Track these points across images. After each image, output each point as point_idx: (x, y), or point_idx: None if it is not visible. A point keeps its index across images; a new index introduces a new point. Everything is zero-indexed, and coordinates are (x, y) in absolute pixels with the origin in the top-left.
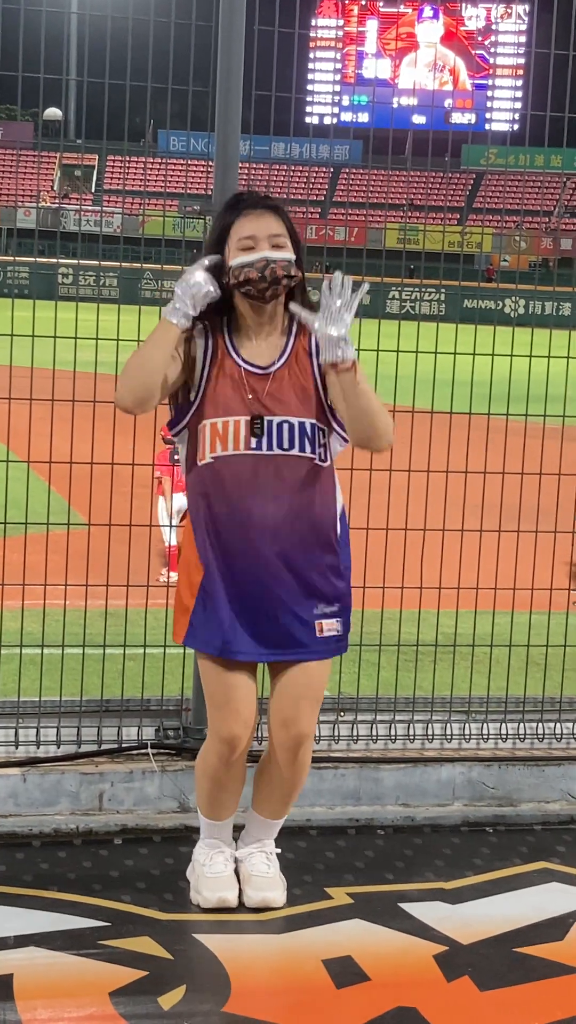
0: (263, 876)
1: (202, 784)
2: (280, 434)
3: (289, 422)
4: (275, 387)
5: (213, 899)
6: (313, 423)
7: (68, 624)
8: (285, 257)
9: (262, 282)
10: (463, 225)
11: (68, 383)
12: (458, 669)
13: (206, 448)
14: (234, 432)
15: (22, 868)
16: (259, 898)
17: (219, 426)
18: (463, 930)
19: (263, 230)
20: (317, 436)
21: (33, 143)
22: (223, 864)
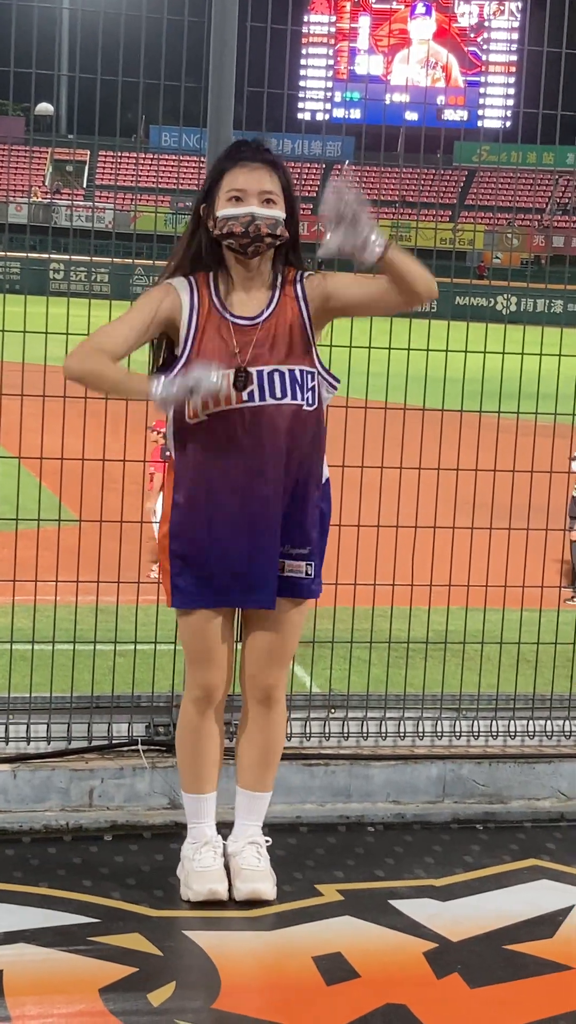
0: (253, 869)
1: (182, 750)
2: (272, 384)
3: (280, 371)
4: (263, 337)
5: (203, 891)
6: (303, 369)
7: (58, 620)
8: (272, 215)
9: (244, 237)
10: (455, 222)
11: (59, 379)
12: (449, 666)
13: (197, 406)
14: (225, 387)
15: (12, 864)
16: (248, 889)
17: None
18: (453, 927)
19: (254, 184)
20: (306, 381)
21: (25, 138)
22: (212, 858)
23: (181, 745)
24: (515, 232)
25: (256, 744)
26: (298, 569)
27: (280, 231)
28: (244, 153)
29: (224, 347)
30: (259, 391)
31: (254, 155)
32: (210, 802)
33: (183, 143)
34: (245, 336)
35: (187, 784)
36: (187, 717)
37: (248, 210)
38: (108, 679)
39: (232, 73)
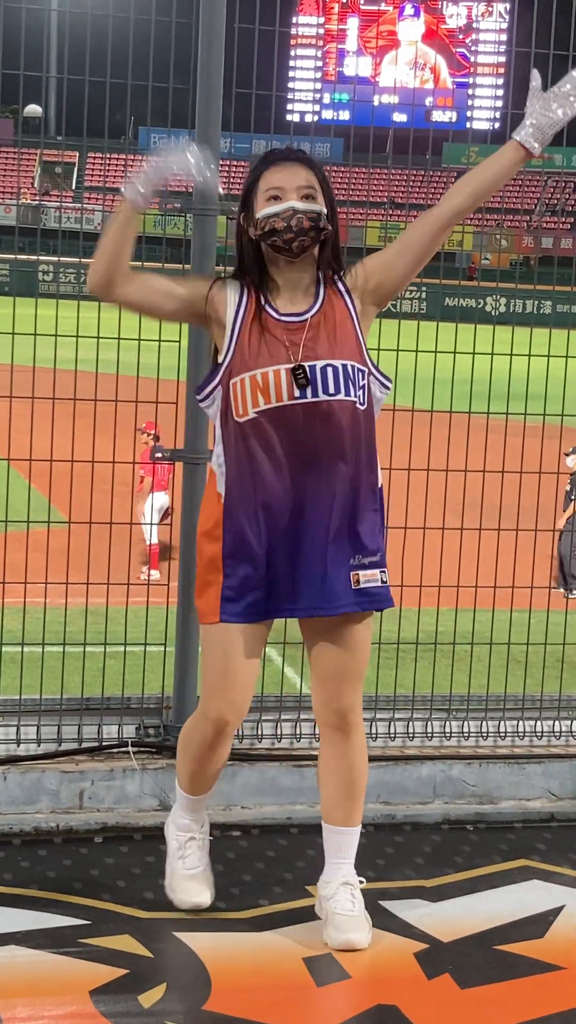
0: (347, 915)
1: (184, 760)
2: (325, 379)
3: (333, 365)
4: (312, 334)
5: (188, 903)
6: (355, 365)
7: (49, 622)
8: (314, 208)
9: (288, 232)
10: None
11: (48, 380)
12: (439, 667)
13: (247, 403)
14: (275, 383)
15: (2, 867)
16: (343, 940)
17: (259, 378)
18: (444, 928)
19: (292, 181)
20: (358, 378)
21: (13, 140)
22: (197, 857)
23: (184, 756)
24: (504, 233)
25: (339, 775)
26: (373, 578)
27: (323, 224)
28: (277, 154)
29: (275, 344)
30: (312, 386)
31: (287, 155)
32: (203, 800)
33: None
34: (295, 334)
35: (183, 784)
36: (195, 741)
37: (288, 205)
38: (98, 681)
39: (220, 74)
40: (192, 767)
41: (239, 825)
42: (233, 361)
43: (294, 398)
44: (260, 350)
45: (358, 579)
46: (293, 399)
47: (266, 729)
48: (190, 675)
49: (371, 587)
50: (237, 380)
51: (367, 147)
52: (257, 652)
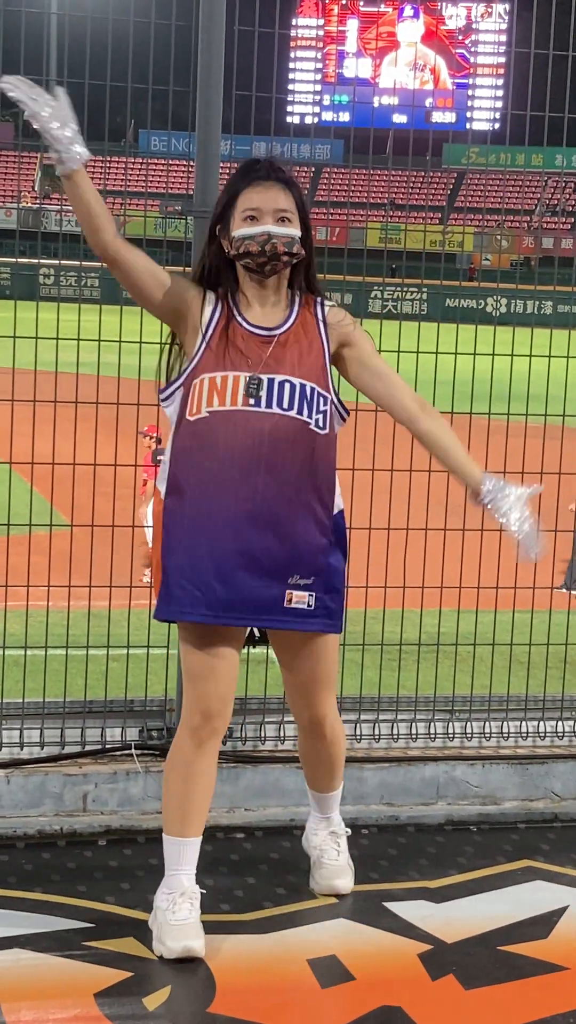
0: (332, 863)
1: (171, 787)
2: (281, 393)
3: (291, 382)
4: (278, 350)
5: (178, 948)
6: (314, 387)
7: (51, 625)
8: (288, 233)
9: (261, 256)
10: (445, 224)
11: (50, 384)
12: (442, 668)
13: (201, 402)
14: (232, 387)
15: (6, 870)
16: (327, 885)
17: (217, 380)
18: (447, 929)
19: (269, 203)
20: (317, 401)
21: (13, 143)
22: (187, 911)
23: (170, 781)
24: (504, 234)
25: (320, 761)
26: (302, 600)
27: (296, 249)
28: (257, 172)
29: (239, 352)
30: (266, 398)
31: (267, 174)
32: (193, 847)
33: (172, 147)
34: (261, 345)
35: (170, 826)
36: (181, 751)
37: (264, 229)
38: (101, 684)
39: (220, 77)
40: (179, 790)
41: (243, 827)
42: (199, 363)
43: (248, 404)
44: (225, 356)
45: (290, 598)
46: (247, 405)
47: (269, 731)
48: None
49: (300, 608)
50: (198, 380)
51: (367, 148)
52: (232, 648)
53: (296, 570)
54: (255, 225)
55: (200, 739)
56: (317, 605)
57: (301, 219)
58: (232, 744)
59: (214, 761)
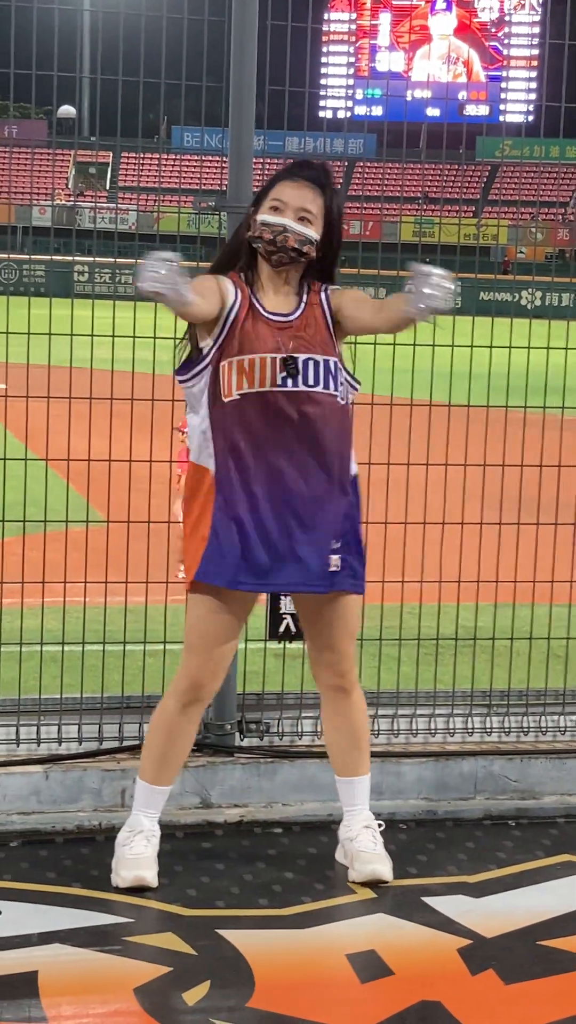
0: (371, 852)
1: (153, 738)
2: (306, 371)
3: (315, 359)
4: (297, 332)
5: (130, 878)
6: (335, 361)
7: (88, 621)
8: (303, 232)
9: (271, 244)
10: (478, 217)
11: (85, 380)
12: (478, 662)
13: (231, 385)
14: (260, 369)
15: (45, 865)
16: (368, 871)
17: (245, 363)
18: (487, 923)
19: (295, 200)
20: (338, 374)
21: (47, 141)
22: (143, 845)
23: (153, 735)
24: (539, 226)
25: (342, 731)
26: (334, 564)
27: (307, 249)
28: (301, 169)
29: (265, 334)
30: (294, 379)
31: (305, 173)
32: (162, 794)
33: (205, 143)
34: (282, 331)
35: (145, 773)
36: (167, 712)
37: (282, 221)
38: (138, 679)
39: (253, 72)
40: (159, 743)
41: (280, 822)
42: (225, 344)
43: (276, 385)
44: (250, 338)
45: (332, 563)
46: (276, 385)
47: (306, 726)
48: (229, 673)
49: (334, 571)
50: (225, 363)
51: (400, 142)
52: (237, 624)
53: (334, 536)
54: (276, 215)
55: (184, 704)
56: (343, 566)
57: (327, 224)
58: (269, 739)
59: (195, 722)
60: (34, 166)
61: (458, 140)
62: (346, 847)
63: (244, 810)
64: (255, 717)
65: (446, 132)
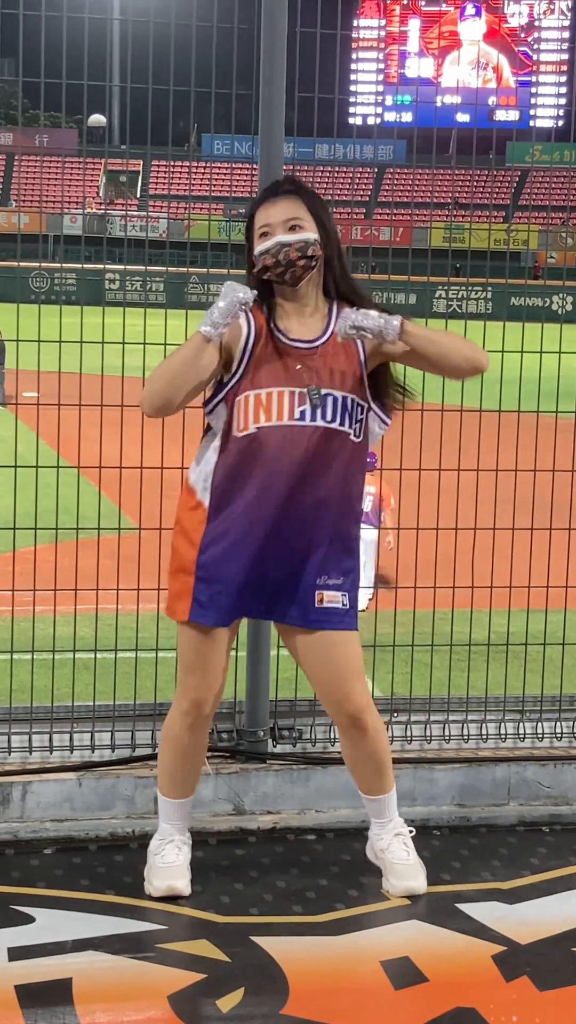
0: (404, 863)
1: (165, 757)
2: (324, 406)
3: (333, 395)
4: (319, 362)
5: (163, 887)
6: (354, 398)
7: (120, 628)
8: (300, 238)
9: (278, 266)
10: (509, 222)
11: (116, 388)
12: (511, 668)
13: (248, 418)
14: (278, 403)
15: (79, 872)
16: (403, 887)
17: (263, 397)
18: (521, 930)
19: (278, 216)
20: (356, 412)
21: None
22: (174, 854)
23: (164, 753)
24: (570, 231)
25: (363, 760)
26: (334, 600)
27: (312, 251)
28: (268, 191)
29: (283, 366)
30: (313, 412)
31: (276, 189)
32: (185, 806)
33: (235, 151)
34: (305, 359)
35: (164, 788)
36: (174, 730)
37: (275, 240)
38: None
39: (283, 79)
40: (171, 757)
41: (314, 829)
42: (242, 379)
43: (293, 419)
44: (267, 371)
45: (321, 599)
46: (292, 420)
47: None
48: (262, 680)
49: (333, 608)
50: (242, 397)
51: (430, 148)
52: (228, 642)
53: (326, 571)
54: (268, 239)
55: (189, 722)
56: (344, 604)
57: (318, 223)
58: (302, 746)
59: (205, 736)
60: (65, 175)
61: (488, 145)
62: (379, 855)
63: (277, 817)
64: (288, 724)
65: (476, 137)
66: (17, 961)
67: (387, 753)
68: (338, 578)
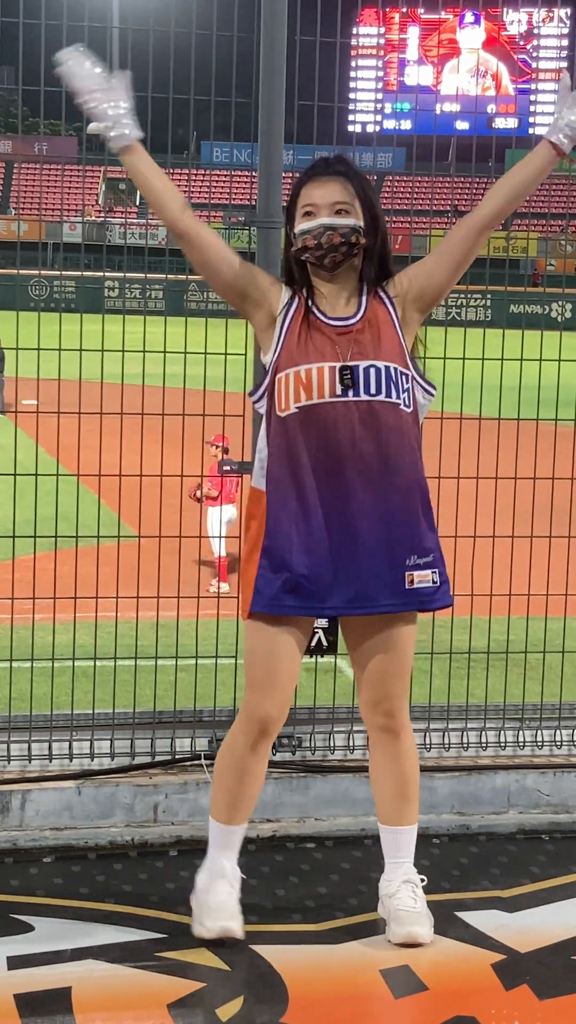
0: (409, 911)
1: (223, 779)
2: (367, 379)
3: (376, 366)
4: (358, 336)
5: (216, 929)
6: (397, 367)
7: (120, 636)
8: (347, 224)
9: (318, 249)
10: (508, 230)
11: (116, 396)
12: (511, 676)
13: (289, 398)
14: (318, 380)
15: (78, 881)
16: (404, 933)
17: (302, 374)
18: (521, 938)
19: (326, 197)
20: (401, 381)
21: (77, 157)
22: (226, 892)
23: (223, 774)
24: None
25: (390, 777)
26: (424, 579)
27: (356, 239)
28: (317, 168)
29: (322, 342)
30: (354, 388)
31: (326, 168)
32: (238, 834)
33: (234, 158)
34: (342, 337)
35: (218, 812)
36: (236, 749)
37: (319, 222)
38: (170, 694)
39: (282, 87)
40: (230, 780)
41: (313, 837)
42: (280, 357)
43: (335, 395)
44: (306, 348)
45: (412, 579)
46: (335, 396)
47: (338, 741)
48: None
49: (424, 587)
50: (282, 375)
51: (430, 156)
52: (298, 650)
53: (413, 551)
54: (312, 220)
55: (254, 742)
56: (434, 581)
57: (367, 209)
58: (301, 753)
59: (266, 758)
60: (64, 182)
61: (487, 153)
62: (385, 903)
63: (277, 825)
64: (287, 732)
65: (475, 145)
66: (16, 970)
67: (415, 777)
68: (427, 556)
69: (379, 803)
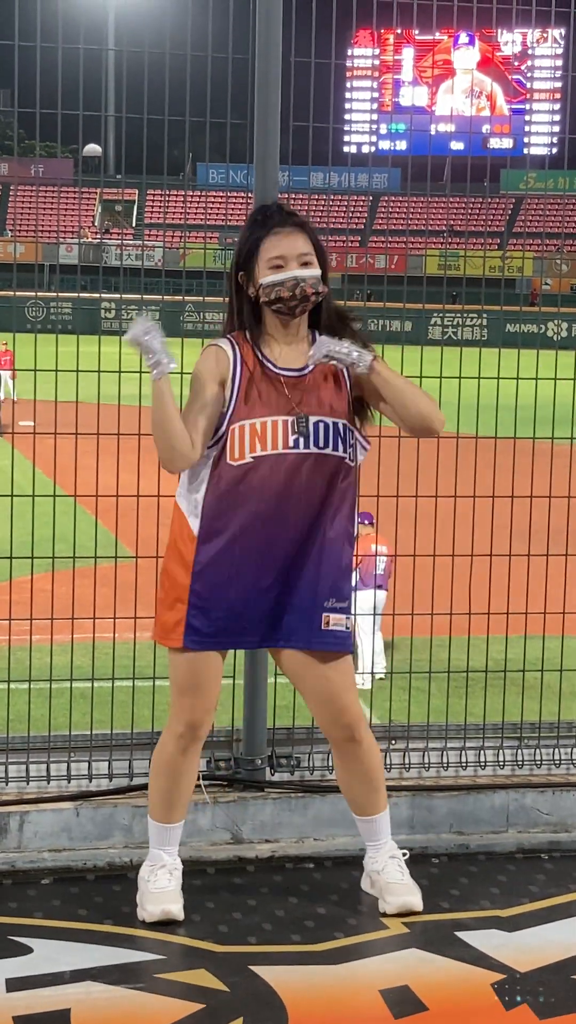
0: (399, 883)
1: (157, 781)
2: (317, 433)
3: (325, 422)
4: (308, 390)
5: (157, 912)
6: (344, 423)
7: (117, 657)
8: (313, 275)
9: (292, 300)
10: (504, 250)
11: (113, 417)
12: (509, 695)
13: (244, 448)
14: (272, 432)
15: (76, 902)
16: (399, 903)
17: (257, 426)
18: (520, 958)
19: (292, 250)
20: (347, 436)
21: (73, 179)
22: (166, 879)
23: (156, 777)
24: (564, 258)
25: (359, 777)
26: (339, 623)
27: (321, 288)
28: (274, 219)
29: (275, 395)
30: (305, 439)
31: (284, 220)
32: (176, 831)
33: (230, 179)
34: (293, 388)
35: (156, 813)
36: (167, 754)
37: (292, 274)
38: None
39: (277, 108)
40: (164, 781)
41: (312, 857)
42: (235, 410)
43: (288, 447)
44: (260, 400)
45: (328, 621)
46: (288, 448)
47: None
48: (259, 708)
49: (338, 631)
50: (236, 427)
51: (425, 176)
52: (220, 666)
53: (332, 594)
54: (282, 272)
55: (184, 745)
56: (347, 628)
57: (319, 258)
58: (300, 774)
59: (197, 759)
60: (60, 204)
61: (482, 173)
62: (374, 878)
63: (275, 845)
64: (285, 752)
65: (470, 165)
66: (15, 992)
67: (381, 770)
68: (343, 601)
69: (352, 800)
